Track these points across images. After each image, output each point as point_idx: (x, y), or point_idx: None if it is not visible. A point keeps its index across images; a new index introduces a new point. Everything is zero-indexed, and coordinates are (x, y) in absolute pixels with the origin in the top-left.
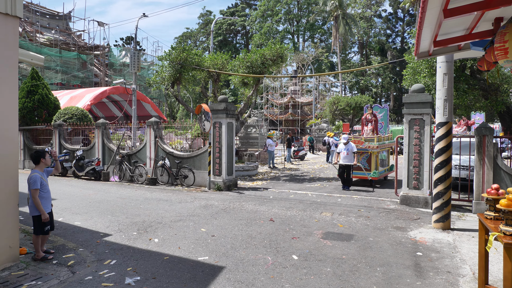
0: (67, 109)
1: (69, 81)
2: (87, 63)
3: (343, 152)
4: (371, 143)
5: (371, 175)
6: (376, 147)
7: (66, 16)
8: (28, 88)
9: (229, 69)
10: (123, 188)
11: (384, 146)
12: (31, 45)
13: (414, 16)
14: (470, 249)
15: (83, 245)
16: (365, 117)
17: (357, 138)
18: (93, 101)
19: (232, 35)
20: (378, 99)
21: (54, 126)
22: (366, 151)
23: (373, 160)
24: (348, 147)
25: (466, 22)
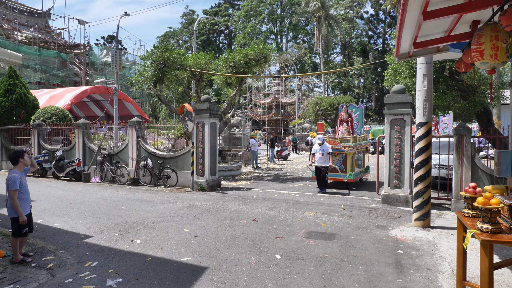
0: (47, 108)
1: (49, 80)
2: (67, 62)
3: (318, 153)
4: (346, 143)
5: (347, 177)
6: (352, 148)
7: (45, 13)
8: (5, 87)
9: (212, 69)
10: (104, 189)
11: (360, 146)
12: (8, 43)
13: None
14: (449, 247)
15: (63, 247)
16: (340, 117)
17: (332, 138)
18: (73, 100)
19: (215, 35)
20: (360, 99)
21: (33, 126)
22: (342, 152)
23: (348, 161)
24: (324, 147)
25: (444, 25)
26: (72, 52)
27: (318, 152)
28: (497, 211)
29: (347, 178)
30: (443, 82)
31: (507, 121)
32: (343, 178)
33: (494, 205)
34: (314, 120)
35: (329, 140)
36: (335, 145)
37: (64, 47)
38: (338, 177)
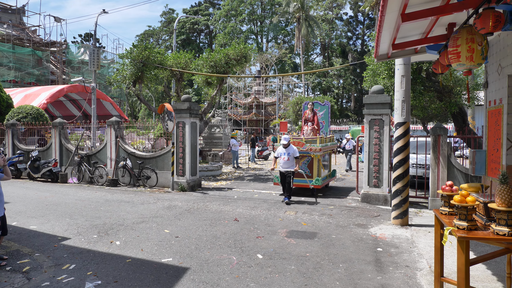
0: (21, 107)
1: (23, 79)
2: (43, 59)
3: (283, 157)
4: (313, 145)
5: (313, 183)
6: (319, 150)
7: (20, 10)
8: None
9: (192, 68)
10: (82, 190)
11: (327, 148)
12: None
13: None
14: (426, 244)
15: (40, 250)
16: (304, 116)
17: (297, 139)
18: (49, 99)
19: (196, 34)
20: (339, 99)
21: (7, 126)
22: (308, 155)
23: (315, 165)
24: (289, 150)
25: (422, 27)
26: (48, 50)
27: (283, 156)
28: (473, 208)
29: (313, 184)
30: (420, 83)
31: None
32: (309, 184)
33: (470, 203)
34: (294, 120)
35: (293, 141)
36: (300, 147)
37: (39, 45)
38: (303, 183)
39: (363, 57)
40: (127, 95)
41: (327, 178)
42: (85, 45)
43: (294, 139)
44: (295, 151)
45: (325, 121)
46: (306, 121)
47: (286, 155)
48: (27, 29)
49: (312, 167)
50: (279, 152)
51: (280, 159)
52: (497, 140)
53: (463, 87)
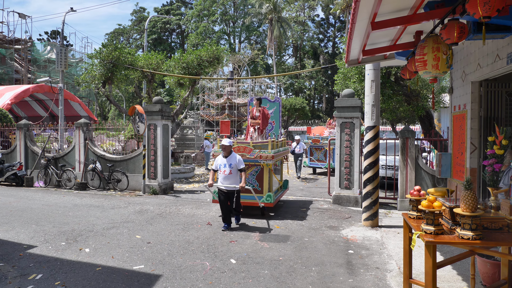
0: None
1: None
2: (6, 58)
3: (223, 170)
4: (264, 151)
5: (264, 200)
6: (272, 157)
7: None
8: None
9: (164, 70)
10: (49, 194)
11: (280, 155)
12: None
13: (344, 23)
14: (396, 245)
15: (4, 259)
16: (250, 114)
17: (243, 144)
18: (14, 100)
19: (167, 34)
20: (311, 101)
21: None
22: (257, 164)
23: (266, 177)
24: (231, 160)
25: (391, 34)
26: (12, 48)
27: (223, 169)
28: (440, 213)
29: (264, 201)
30: (389, 87)
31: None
32: (259, 201)
33: (436, 208)
34: None
35: (238, 146)
36: (246, 154)
37: (3, 42)
38: (250, 200)
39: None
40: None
41: (278, 191)
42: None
43: (238, 144)
44: (240, 161)
45: (275, 121)
46: (254, 120)
47: (228, 167)
48: None
49: (262, 179)
50: (217, 164)
51: (220, 173)
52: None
53: (430, 91)
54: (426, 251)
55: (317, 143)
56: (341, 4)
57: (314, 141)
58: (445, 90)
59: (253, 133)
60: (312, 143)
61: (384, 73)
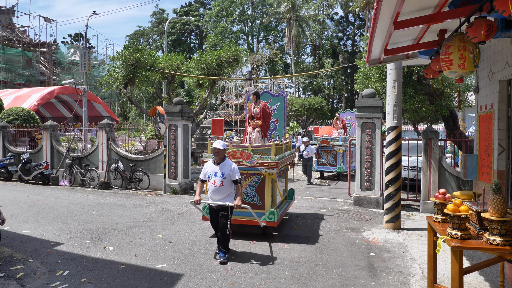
0: (12, 109)
1: (13, 80)
2: (33, 60)
3: (213, 181)
4: (266, 157)
5: (267, 218)
6: (276, 165)
7: (9, 10)
8: None
9: (184, 70)
10: (74, 193)
11: (285, 160)
12: None
13: (364, 21)
14: (419, 248)
15: (33, 256)
16: (249, 112)
17: (240, 148)
18: (40, 101)
19: (186, 35)
20: (330, 100)
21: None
22: (257, 173)
23: (268, 189)
24: (225, 169)
25: (414, 33)
26: (38, 51)
27: (213, 179)
28: (466, 217)
29: (266, 220)
30: (411, 86)
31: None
32: (259, 220)
33: (463, 212)
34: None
35: (234, 150)
36: (244, 160)
37: (29, 45)
38: (248, 218)
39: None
40: (117, 96)
41: (283, 204)
42: (75, 46)
43: (234, 148)
44: (234, 170)
45: (279, 119)
46: (253, 118)
47: (219, 176)
48: (16, 30)
49: (263, 191)
50: (206, 172)
51: (209, 184)
52: (488, 145)
53: (454, 90)
54: (453, 256)
55: (326, 145)
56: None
57: (323, 143)
58: (469, 88)
59: (251, 135)
60: (320, 145)
61: (406, 72)
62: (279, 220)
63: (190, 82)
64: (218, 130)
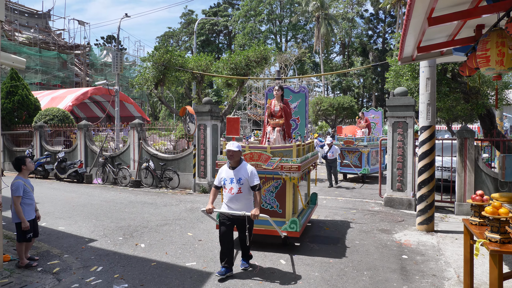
0: (48, 110)
1: (50, 81)
2: (68, 62)
3: (229, 188)
4: (287, 159)
5: (288, 228)
6: (298, 168)
7: (46, 14)
8: (7, 89)
9: (213, 71)
10: (106, 191)
11: (308, 163)
12: (10, 44)
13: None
14: (454, 252)
15: (68, 251)
16: (268, 109)
17: (257, 149)
18: (74, 102)
19: (215, 35)
20: (360, 99)
21: (35, 128)
22: (277, 177)
23: (289, 195)
24: (242, 173)
25: (449, 29)
26: (72, 53)
27: (229, 186)
28: (506, 220)
29: (287, 229)
30: (446, 84)
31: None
32: (280, 230)
33: (503, 214)
34: (314, 120)
35: (251, 152)
36: (262, 163)
37: (64, 48)
38: (267, 227)
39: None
40: (148, 96)
41: (305, 211)
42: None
43: (251, 150)
44: (253, 175)
45: (300, 117)
46: (272, 117)
47: (235, 182)
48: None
49: (284, 197)
50: (221, 178)
51: (225, 191)
52: None
53: (491, 88)
54: (491, 261)
55: (351, 145)
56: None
57: (347, 143)
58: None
59: (271, 135)
60: (343, 145)
61: (440, 70)
62: (301, 230)
63: (219, 82)
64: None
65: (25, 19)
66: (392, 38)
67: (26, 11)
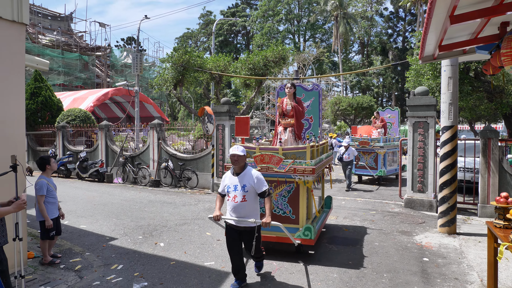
0: (70, 110)
1: (72, 82)
2: (89, 64)
3: (232, 196)
4: (300, 161)
5: (302, 235)
6: (312, 171)
7: (68, 17)
8: (31, 90)
9: (231, 71)
10: (126, 190)
11: (322, 165)
12: (33, 46)
13: (415, 16)
14: (477, 255)
15: (90, 249)
16: (279, 108)
17: (268, 151)
18: (96, 102)
19: (233, 36)
20: (379, 99)
21: (58, 128)
22: (290, 180)
23: (303, 199)
24: (246, 180)
25: (471, 27)
26: (94, 54)
27: (233, 193)
28: None
29: (301, 237)
30: (468, 83)
31: None
32: (293, 238)
33: None
34: (332, 120)
35: (262, 154)
36: (273, 165)
37: (85, 50)
38: (279, 234)
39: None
40: (167, 97)
41: (319, 216)
42: (128, 49)
43: (262, 151)
44: (259, 181)
45: (313, 116)
46: (284, 116)
47: (240, 190)
48: (74, 35)
49: (297, 202)
50: (225, 185)
51: (229, 200)
52: None
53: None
54: None
55: (366, 146)
56: None
57: (362, 144)
58: None
59: (282, 135)
60: (359, 146)
61: (462, 69)
62: (316, 237)
63: (237, 82)
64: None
65: (48, 22)
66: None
67: (49, 14)
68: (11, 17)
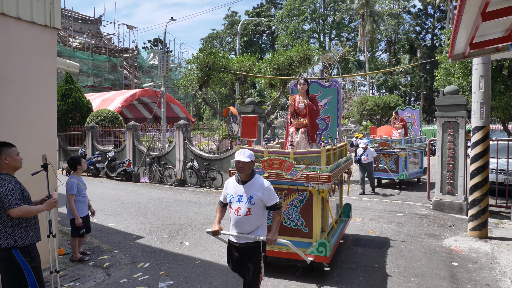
0: (99, 111)
1: (101, 84)
2: (117, 65)
3: (236, 207)
4: (313, 167)
5: (315, 252)
6: (327, 178)
7: (97, 20)
8: (62, 92)
9: (256, 71)
10: (153, 190)
11: (340, 171)
12: (64, 49)
13: (445, 12)
14: (510, 260)
15: (117, 247)
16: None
17: (278, 155)
18: (123, 103)
19: (258, 36)
20: (407, 98)
21: (87, 128)
22: (302, 189)
23: (317, 210)
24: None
25: (505, 24)
26: (122, 56)
27: (237, 205)
28: None
29: (315, 253)
30: (501, 81)
31: None
32: (305, 256)
33: None
34: (358, 120)
35: (271, 159)
36: (284, 172)
37: (114, 52)
38: (289, 250)
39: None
40: (192, 97)
41: (336, 227)
42: (154, 50)
43: (271, 155)
44: (269, 191)
45: (331, 116)
46: (297, 117)
47: (246, 202)
48: (103, 38)
49: (310, 214)
50: (227, 194)
51: (231, 212)
52: None
53: None
54: None
55: (386, 148)
56: None
57: (382, 145)
58: None
59: (294, 137)
60: (378, 147)
61: (495, 67)
62: (332, 253)
63: (261, 82)
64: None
65: (78, 25)
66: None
67: (80, 18)
68: (44, 22)
